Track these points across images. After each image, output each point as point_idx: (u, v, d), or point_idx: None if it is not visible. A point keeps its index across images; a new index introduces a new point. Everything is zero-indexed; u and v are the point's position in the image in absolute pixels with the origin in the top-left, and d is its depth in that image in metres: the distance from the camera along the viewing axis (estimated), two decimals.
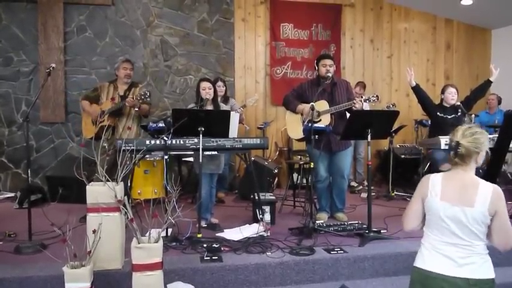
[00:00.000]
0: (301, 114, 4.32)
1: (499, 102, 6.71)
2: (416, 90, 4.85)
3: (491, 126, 6.02)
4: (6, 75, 5.92)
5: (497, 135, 4.26)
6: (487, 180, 1.97)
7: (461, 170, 1.97)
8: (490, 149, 4.29)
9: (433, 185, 1.98)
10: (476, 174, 2.01)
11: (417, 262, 2.03)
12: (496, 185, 1.94)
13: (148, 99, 4.37)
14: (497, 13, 6.84)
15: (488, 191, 1.90)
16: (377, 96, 4.18)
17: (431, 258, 1.97)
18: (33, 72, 5.96)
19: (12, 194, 5.54)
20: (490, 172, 3.97)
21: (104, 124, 4.33)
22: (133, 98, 4.34)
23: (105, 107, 4.49)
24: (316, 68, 4.36)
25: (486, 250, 1.94)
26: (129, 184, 3.97)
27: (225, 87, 5.47)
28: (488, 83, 4.87)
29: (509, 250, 1.95)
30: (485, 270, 1.91)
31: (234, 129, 4.09)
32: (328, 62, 4.29)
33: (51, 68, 3.76)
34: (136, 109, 4.48)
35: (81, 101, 4.77)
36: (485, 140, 1.98)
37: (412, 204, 2.08)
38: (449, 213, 1.91)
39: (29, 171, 3.60)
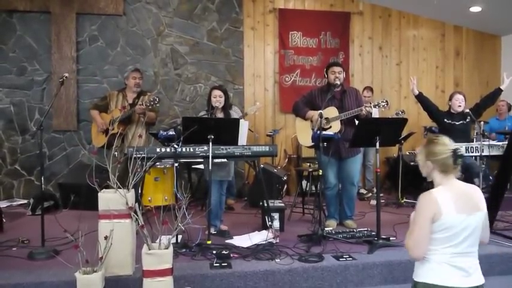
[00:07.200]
0: (311, 121, 4.35)
1: (509, 108, 6.66)
2: (420, 98, 4.89)
3: (501, 133, 5.98)
4: (20, 84, 6.04)
5: (507, 142, 4.23)
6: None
7: (455, 178, 1.96)
8: (500, 156, 4.32)
9: (443, 201, 1.86)
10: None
11: (427, 278, 1.90)
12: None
13: (157, 105, 4.42)
14: (507, 19, 6.82)
15: (480, 191, 1.96)
16: (386, 101, 4.17)
17: (445, 273, 1.87)
18: (46, 81, 6.08)
19: (25, 201, 5.62)
20: (499, 179, 3.93)
21: (114, 132, 4.39)
22: (142, 105, 4.40)
23: (114, 115, 4.56)
24: (326, 75, 4.40)
25: None
26: (139, 191, 4.02)
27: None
28: (498, 91, 4.87)
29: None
30: (481, 274, 1.93)
31: (243, 137, 4.13)
32: (337, 69, 4.32)
33: (64, 78, 3.78)
34: (143, 116, 4.53)
35: (90, 111, 4.86)
36: None
37: (422, 229, 1.88)
38: (466, 224, 1.86)
39: (42, 179, 3.65)
